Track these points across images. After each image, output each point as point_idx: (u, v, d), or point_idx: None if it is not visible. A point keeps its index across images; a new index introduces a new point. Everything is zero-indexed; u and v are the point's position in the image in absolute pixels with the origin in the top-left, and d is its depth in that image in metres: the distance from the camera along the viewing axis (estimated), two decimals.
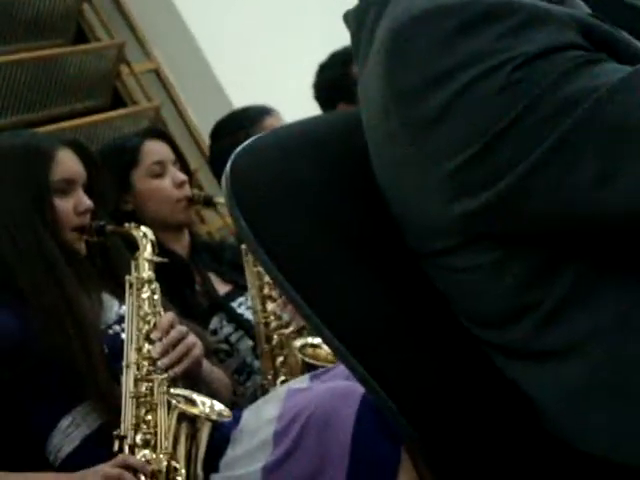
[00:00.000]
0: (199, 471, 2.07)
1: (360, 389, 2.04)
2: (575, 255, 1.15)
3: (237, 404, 2.38)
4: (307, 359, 2.49)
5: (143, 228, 2.35)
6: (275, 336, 2.58)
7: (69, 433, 2.13)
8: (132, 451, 2.06)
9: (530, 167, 1.08)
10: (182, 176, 2.75)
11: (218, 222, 3.86)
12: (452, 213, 1.15)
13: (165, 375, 2.13)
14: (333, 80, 3.37)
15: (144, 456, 2.04)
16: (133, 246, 2.34)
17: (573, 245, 1.15)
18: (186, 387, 2.16)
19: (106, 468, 2.01)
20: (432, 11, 1.13)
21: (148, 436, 2.07)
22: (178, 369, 2.15)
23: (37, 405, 2.14)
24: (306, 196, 1.26)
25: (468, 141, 1.10)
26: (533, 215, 1.12)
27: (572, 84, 1.07)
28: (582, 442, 1.19)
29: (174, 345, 2.16)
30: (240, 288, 2.70)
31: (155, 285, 2.27)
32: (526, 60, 1.08)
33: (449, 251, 1.20)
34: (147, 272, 2.28)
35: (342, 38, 2.88)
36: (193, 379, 2.22)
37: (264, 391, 2.52)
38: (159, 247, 2.44)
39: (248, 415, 2.20)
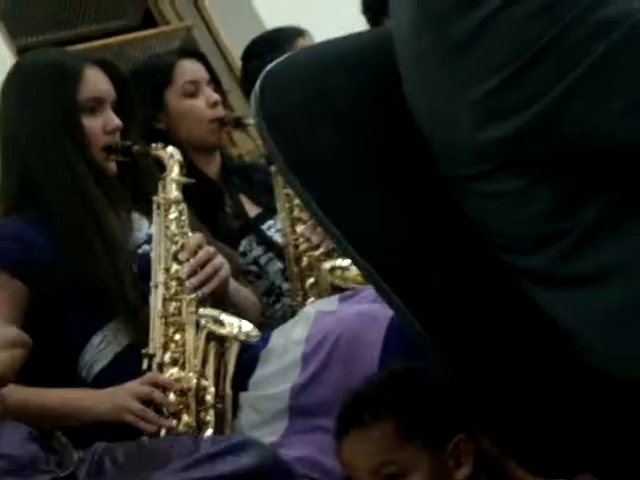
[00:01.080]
0: (228, 390, 2.10)
1: (388, 312, 2.05)
2: (603, 185, 1.15)
3: (266, 325, 2.40)
4: (336, 281, 2.49)
5: (170, 149, 2.32)
6: (305, 258, 2.58)
7: (101, 349, 2.16)
8: (161, 369, 2.08)
9: (563, 92, 1.07)
10: (216, 96, 2.73)
11: (249, 145, 3.84)
12: (482, 138, 1.14)
13: (193, 295, 2.15)
14: None
15: (173, 374, 2.07)
16: (164, 167, 2.34)
17: (602, 174, 1.14)
18: (214, 307, 2.17)
19: (135, 386, 2.04)
20: None
21: (177, 355, 2.10)
22: (206, 289, 2.16)
23: (69, 322, 2.17)
24: (336, 116, 1.25)
25: (500, 65, 1.09)
26: (564, 140, 1.11)
27: (606, 8, 1.06)
28: (613, 367, 1.19)
29: (202, 265, 2.17)
30: (271, 211, 2.70)
31: (183, 206, 2.26)
32: None
33: (477, 176, 1.20)
34: (174, 193, 2.27)
35: None
36: (220, 299, 2.23)
37: (293, 313, 2.54)
38: (190, 168, 2.44)
39: (277, 336, 2.22)
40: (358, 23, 3.43)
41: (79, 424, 2.05)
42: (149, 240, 2.24)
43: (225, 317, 2.13)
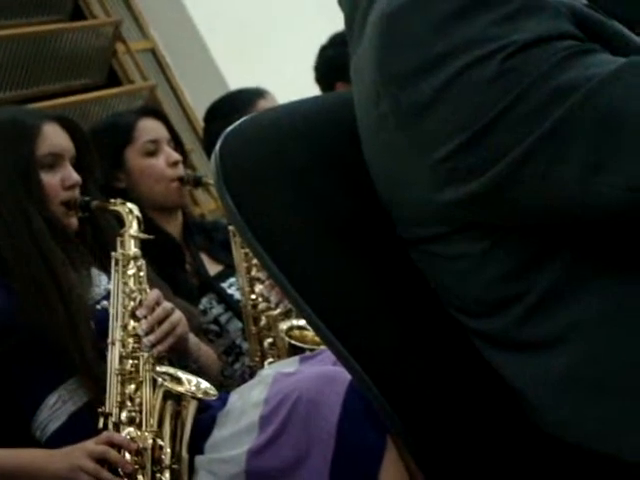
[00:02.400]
0: (184, 452, 2.07)
1: (347, 375, 2.03)
2: (561, 249, 1.15)
3: (225, 386, 2.38)
4: (293, 342, 2.48)
5: (129, 204, 2.33)
6: (263, 317, 2.58)
7: (56, 409, 2.13)
8: (117, 428, 2.06)
9: (519, 156, 1.08)
10: (176, 155, 2.74)
11: (211, 204, 3.85)
12: (440, 201, 1.14)
13: (150, 353, 2.13)
14: (332, 59, 3.35)
15: (129, 433, 2.05)
16: (123, 222, 2.33)
17: (560, 238, 1.14)
18: (173, 363, 2.15)
19: (91, 445, 2.01)
20: None
21: (133, 413, 2.07)
22: (162, 347, 2.14)
23: (24, 381, 2.13)
24: (294, 178, 1.26)
25: (459, 128, 1.10)
26: (520, 205, 1.11)
27: (564, 74, 1.07)
28: (564, 433, 1.19)
29: (159, 322, 2.16)
30: (231, 268, 2.69)
31: (141, 262, 2.26)
32: (519, 48, 1.08)
33: (436, 239, 1.20)
34: (133, 249, 2.27)
35: (340, 22, 2.88)
36: (179, 355, 2.21)
37: (252, 373, 2.52)
38: (151, 226, 2.44)
39: (235, 398, 2.20)
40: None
41: None
42: (107, 296, 2.22)
43: (182, 375, 2.11)
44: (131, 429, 2.05)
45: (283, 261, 1.22)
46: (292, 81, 3.39)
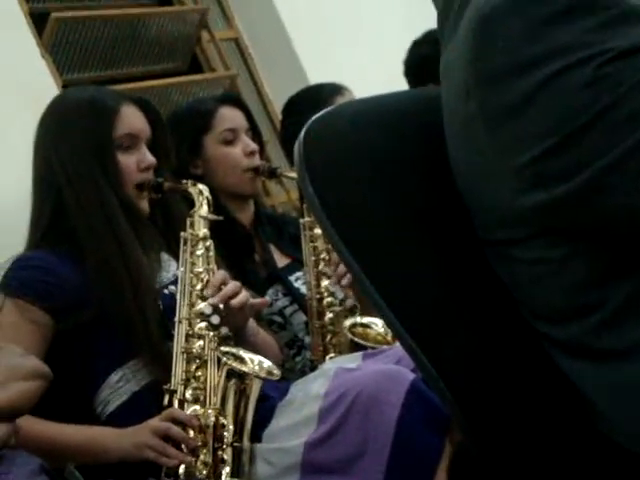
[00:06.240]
0: (247, 429, 2.08)
1: (409, 375, 2.03)
2: None
3: (285, 377, 2.39)
4: (356, 338, 2.48)
5: (200, 185, 2.34)
6: (327, 313, 2.58)
7: (118, 388, 2.15)
8: (182, 406, 2.08)
9: (608, 164, 1.07)
10: (253, 145, 2.74)
11: (282, 196, 3.86)
12: (523, 204, 1.14)
13: (216, 332, 2.14)
14: (426, 57, 3.29)
15: (194, 411, 2.07)
16: (193, 203, 2.34)
17: None
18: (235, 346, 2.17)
19: (155, 422, 2.03)
20: None
21: (197, 391, 2.09)
22: (226, 326, 2.15)
23: (89, 358, 2.16)
24: (376, 169, 1.25)
25: (548, 133, 1.09)
26: (605, 213, 1.11)
27: None
28: (633, 443, 1.17)
29: (225, 302, 2.17)
30: (299, 262, 2.70)
31: (210, 242, 2.27)
32: (615, 56, 1.07)
33: (515, 242, 1.19)
34: (202, 229, 2.28)
35: (424, 23, 2.87)
36: (237, 333, 2.22)
37: (313, 367, 2.53)
38: (223, 214, 2.45)
39: (295, 389, 2.20)
40: (400, 81, 3.46)
41: (96, 462, 2.05)
42: (175, 281, 2.24)
43: (246, 354, 2.12)
44: (196, 407, 2.07)
45: (359, 251, 1.22)
46: (373, 82, 3.39)
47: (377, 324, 2.50)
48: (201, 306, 2.15)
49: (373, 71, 3.67)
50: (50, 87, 3.05)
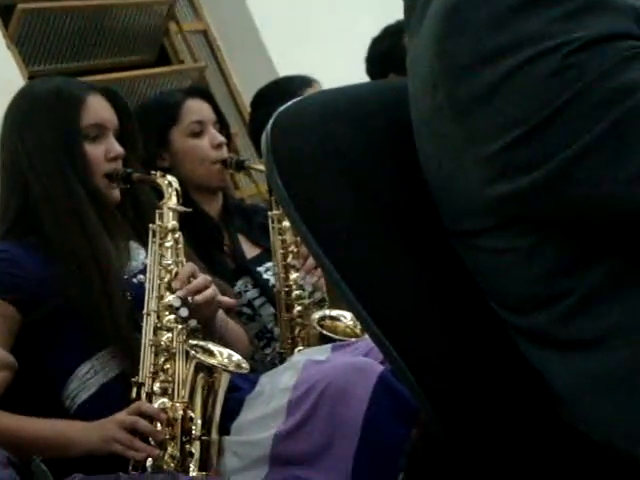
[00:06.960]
0: (215, 423, 2.08)
1: (378, 367, 2.04)
2: (609, 249, 1.14)
3: (254, 369, 2.38)
4: (325, 331, 2.48)
5: (169, 177, 2.32)
6: (296, 305, 2.58)
7: (86, 380, 2.14)
8: (150, 399, 2.07)
9: (575, 154, 1.07)
10: (221, 137, 2.73)
11: (251, 189, 3.86)
12: (490, 194, 1.14)
13: (185, 325, 2.14)
14: (384, 51, 3.35)
15: (162, 404, 2.06)
16: (162, 194, 2.33)
17: (607, 238, 1.14)
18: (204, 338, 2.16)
19: (122, 416, 2.02)
20: None
21: (166, 384, 2.09)
22: (194, 319, 2.14)
23: (57, 350, 2.15)
24: (343, 160, 1.25)
25: (515, 123, 1.09)
26: (571, 203, 1.11)
27: (626, 74, 1.06)
28: (596, 432, 1.18)
29: (193, 295, 2.16)
30: (269, 252, 2.69)
31: (179, 234, 2.26)
32: (581, 45, 1.07)
33: (482, 232, 1.20)
34: (171, 221, 2.26)
35: (393, 14, 2.86)
36: (205, 325, 2.21)
37: (282, 359, 2.52)
38: (192, 207, 2.44)
39: (264, 381, 2.20)
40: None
41: (63, 455, 2.03)
42: (144, 270, 2.23)
43: (215, 347, 2.12)
44: (164, 400, 2.07)
45: (328, 244, 1.22)
46: (342, 74, 3.38)
47: (346, 317, 2.50)
48: (170, 299, 2.14)
49: (343, 64, 3.67)
50: (16, 78, 3.03)
